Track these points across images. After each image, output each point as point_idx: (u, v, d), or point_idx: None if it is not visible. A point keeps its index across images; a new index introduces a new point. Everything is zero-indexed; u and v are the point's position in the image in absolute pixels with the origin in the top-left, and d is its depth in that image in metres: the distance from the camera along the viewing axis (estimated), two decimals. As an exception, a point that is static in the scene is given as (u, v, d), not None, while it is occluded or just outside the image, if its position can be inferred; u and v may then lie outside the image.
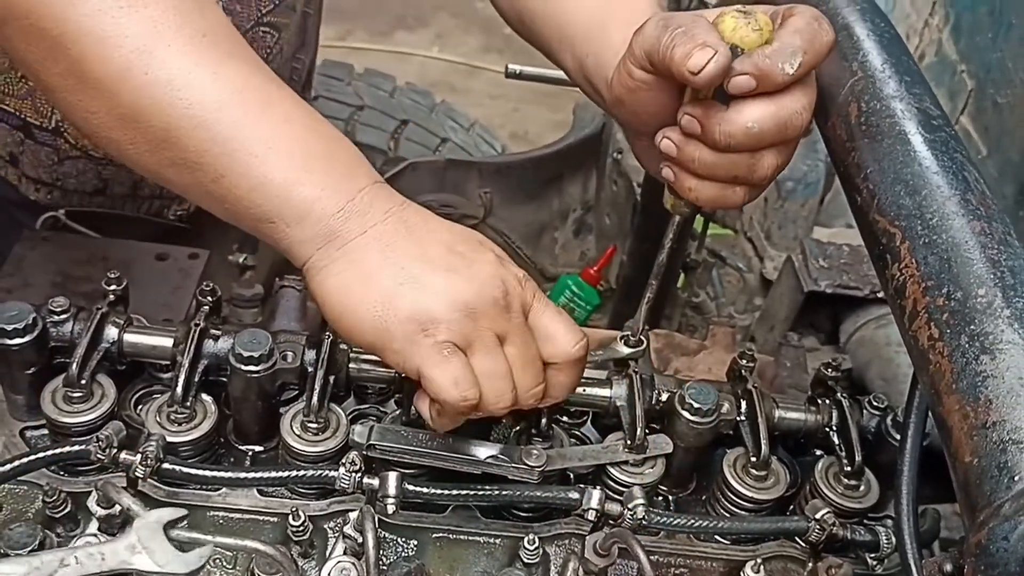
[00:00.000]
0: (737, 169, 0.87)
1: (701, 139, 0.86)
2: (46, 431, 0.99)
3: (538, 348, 0.88)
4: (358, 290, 0.84)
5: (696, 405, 0.99)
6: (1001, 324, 0.62)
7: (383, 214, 0.86)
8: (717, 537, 1.01)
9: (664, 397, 1.03)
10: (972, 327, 0.62)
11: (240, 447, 1.02)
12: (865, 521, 1.02)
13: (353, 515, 0.92)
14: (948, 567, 0.65)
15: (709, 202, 0.92)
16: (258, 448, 1.02)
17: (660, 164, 0.94)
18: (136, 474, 0.90)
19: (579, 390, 1.03)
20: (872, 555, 0.99)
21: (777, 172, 0.89)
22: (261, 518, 0.95)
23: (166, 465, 0.91)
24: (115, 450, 0.91)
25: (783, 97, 0.83)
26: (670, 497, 1.07)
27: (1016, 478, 0.55)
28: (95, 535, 0.89)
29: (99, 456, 0.90)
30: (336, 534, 0.94)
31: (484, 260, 0.87)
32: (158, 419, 0.97)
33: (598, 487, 0.96)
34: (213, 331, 1.00)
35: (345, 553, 0.91)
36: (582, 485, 0.96)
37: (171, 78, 0.84)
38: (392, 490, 0.91)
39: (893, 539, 0.96)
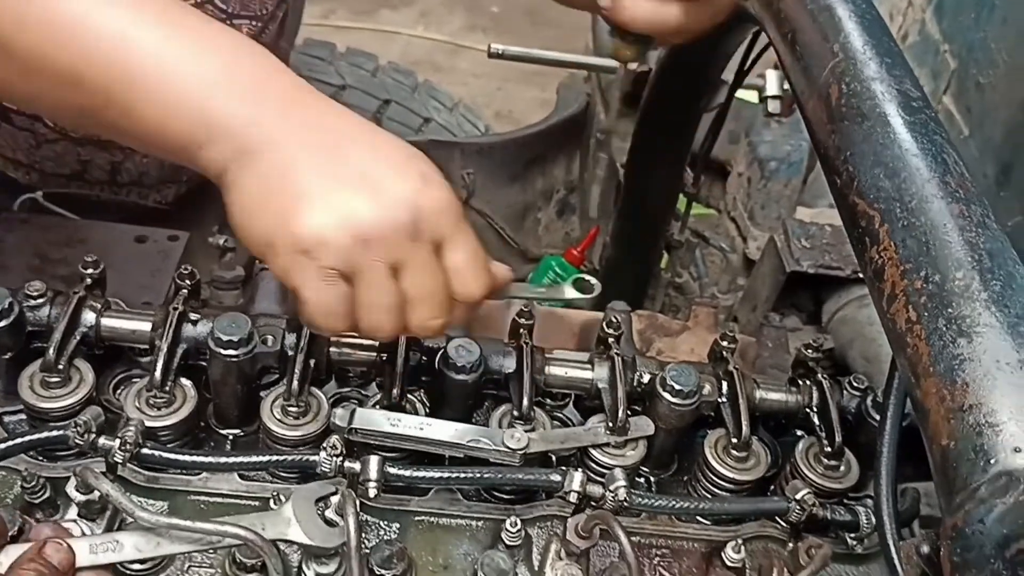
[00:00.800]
0: None
1: None
2: (24, 416, 0.98)
3: (445, 281, 0.86)
4: (257, 200, 0.82)
5: (677, 387, 0.99)
6: (978, 307, 0.62)
7: (299, 123, 0.83)
8: (698, 518, 1.01)
9: (646, 379, 1.03)
10: (950, 310, 0.62)
11: (220, 431, 1.02)
12: (845, 501, 1.03)
13: (335, 499, 0.92)
14: (925, 549, 0.66)
15: (645, 19, 0.94)
16: (238, 432, 1.02)
17: None
18: (115, 459, 0.90)
19: (561, 372, 1.04)
20: (852, 535, 1.00)
21: None
22: (242, 502, 0.95)
23: (145, 450, 0.91)
24: (94, 435, 0.90)
25: None
26: (652, 479, 1.07)
27: (992, 461, 0.55)
28: (74, 521, 0.88)
29: (77, 441, 0.89)
30: (317, 518, 0.94)
31: (402, 180, 0.83)
32: (137, 404, 0.96)
33: (580, 469, 0.96)
34: (192, 315, 0.99)
35: (326, 537, 0.91)
36: (564, 467, 0.96)
37: (70, 19, 0.81)
38: (374, 474, 0.91)
39: (873, 519, 0.97)
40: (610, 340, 1.06)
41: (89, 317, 0.98)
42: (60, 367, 0.95)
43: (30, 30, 0.81)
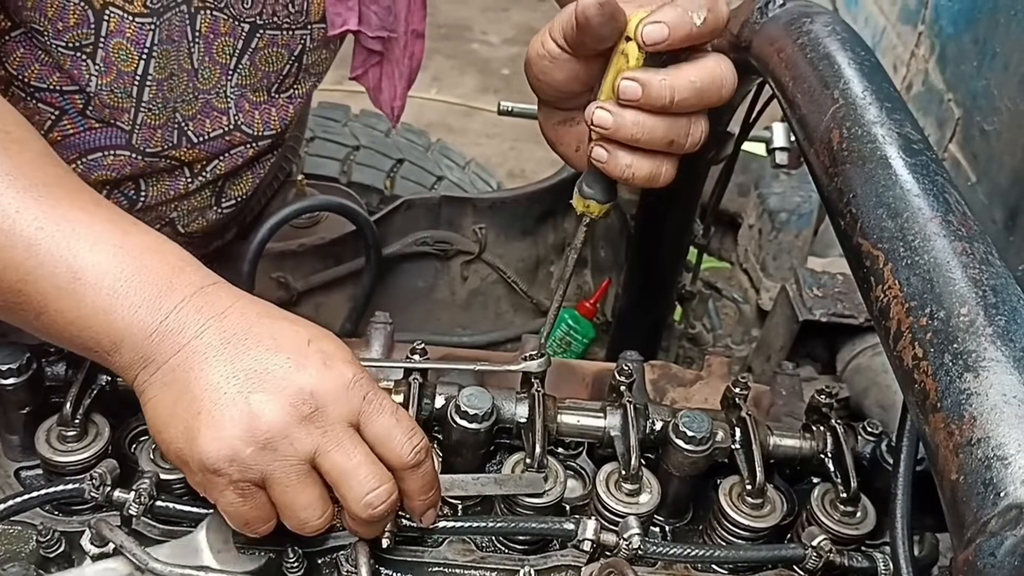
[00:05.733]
0: (675, 132, 0.91)
1: (644, 103, 0.89)
2: (41, 471, 0.99)
3: (369, 452, 0.84)
4: (164, 418, 0.83)
5: (690, 433, 0.99)
6: (984, 342, 0.62)
7: (198, 328, 0.83)
8: (714, 567, 1.00)
9: (658, 426, 1.03)
10: (955, 346, 0.63)
11: (235, 484, 1.02)
12: (863, 548, 1.01)
13: (348, 550, 0.92)
14: (939, 587, 0.65)
15: (643, 179, 0.94)
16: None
17: (589, 145, 0.95)
18: (130, 512, 0.90)
19: (573, 420, 1.04)
20: (870, 582, 0.98)
21: (706, 139, 0.94)
22: (253, 554, 0.95)
23: (160, 503, 0.91)
24: (109, 488, 0.91)
25: (711, 57, 0.90)
26: (666, 527, 1.07)
27: (1001, 494, 0.55)
28: (89, 574, 0.88)
29: (93, 494, 0.90)
30: (331, 569, 0.93)
31: (300, 369, 0.82)
32: (152, 456, 0.97)
33: (593, 517, 0.96)
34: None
35: (340, 588, 0.90)
36: (577, 516, 0.96)
37: None
38: (386, 524, 0.91)
39: (891, 565, 0.95)
40: (622, 388, 1.06)
41: (105, 372, 0.99)
42: (76, 421, 0.96)
43: None
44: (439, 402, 1.02)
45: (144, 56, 1.23)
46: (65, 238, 0.84)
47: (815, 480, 1.07)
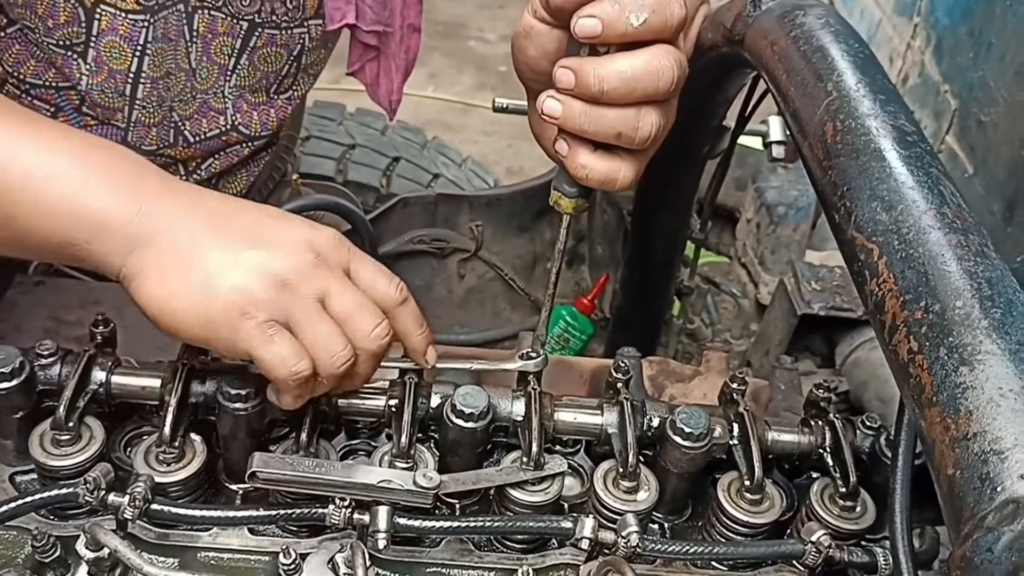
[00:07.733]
0: (623, 124, 0.88)
1: (578, 92, 0.87)
2: (35, 476, 0.99)
3: (364, 295, 0.91)
4: (173, 286, 0.85)
5: (687, 429, 0.98)
6: (979, 335, 0.62)
7: (181, 209, 0.87)
8: (714, 563, 1.00)
9: (655, 423, 1.03)
10: (950, 339, 0.62)
11: (231, 486, 1.02)
12: (863, 543, 1.01)
13: (345, 551, 0.91)
14: (937, 582, 0.65)
15: (600, 180, 0.92)
16: (248, 487, 1.01)
17: (554, 140, 0.94)
18: (125, 516, 0.90)
19: (570, 417, 1.03)
20: (870, 576, 0.98)
21: (660, 135, 0.90)
22: (252, 557, 0.94)
23: (155, 506, 0.91)
24: (104, 492, 0.90)
25: (651, 49, 0.86)
26: (665, 524, 1.06)
27: (998, 488, 0.54)
28: (85, 579, 0.88)
29: (87, 498, 0.89)
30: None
31: (293, 228, 0.90)
32: (146, 460, 0.96)
33: (591, 515, 0.95)
34: (201, 370, 0.99)
35: (337, 590, 0.90)
36: (575, 514, 0.95)
37: None
38: (383, 524, 0.90)
39: (891, 559, 0.95)
40: (619, 385, 1.06)
41: (99, 375, 0.99)
42: (70, 425, 0.96)
43: None
44: (435, 401, 1.02)
45: (137, 53, 1.22)
46: (31, 142, 0.86)
47: (814, 475, 1.07)
